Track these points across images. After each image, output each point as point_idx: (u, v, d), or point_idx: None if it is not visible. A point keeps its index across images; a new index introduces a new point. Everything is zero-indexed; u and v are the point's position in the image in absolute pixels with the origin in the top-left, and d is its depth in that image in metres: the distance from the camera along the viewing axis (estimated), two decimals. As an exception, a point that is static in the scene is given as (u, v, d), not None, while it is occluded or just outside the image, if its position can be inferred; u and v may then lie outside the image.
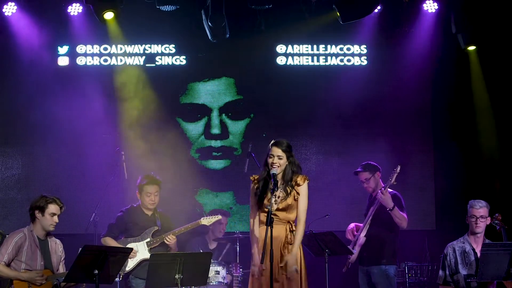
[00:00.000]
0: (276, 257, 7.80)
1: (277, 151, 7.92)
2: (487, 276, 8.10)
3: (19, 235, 8.34)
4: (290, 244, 7.90)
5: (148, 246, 9.65)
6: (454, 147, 12.35)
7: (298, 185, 7.97)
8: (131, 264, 9.62)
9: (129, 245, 9.60)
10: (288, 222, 7.96)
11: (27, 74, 12.19)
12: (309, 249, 8.88)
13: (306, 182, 8.00)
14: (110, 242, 9.72)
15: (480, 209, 8.59)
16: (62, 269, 8.49)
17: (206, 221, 10.06)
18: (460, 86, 12.40)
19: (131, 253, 9.48)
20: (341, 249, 9.02)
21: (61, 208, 8.43)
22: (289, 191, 7.94)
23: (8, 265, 8.24)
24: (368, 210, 9.66)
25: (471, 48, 12.00)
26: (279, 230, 7.87)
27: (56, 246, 8.56)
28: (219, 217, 10.21)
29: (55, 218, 8.39)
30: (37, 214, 8.38)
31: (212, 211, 11.82)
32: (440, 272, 8.75)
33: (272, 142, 7.99)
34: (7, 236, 8.58)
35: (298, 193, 7.95)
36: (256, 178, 8.08)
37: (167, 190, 10.47)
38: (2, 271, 8.21)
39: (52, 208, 8.37)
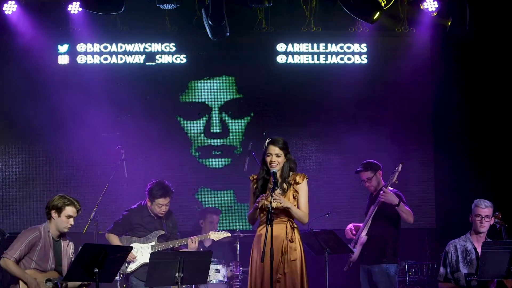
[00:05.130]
0: (278, 256, 7.82)
1: (274, 149, 7.94)
2: (487, 275, 8.11)
3: (34, 233, 8.29)
4: (291, 241, 7.91)
5: (152, 250, 9.60)
6: (454, 146, 12.35)
7: (297, 183, 7.98)
8: (132, 265, 9.60)
9: (132, 245, 9.57)
10: (288, 220, 7.96)
11: (28, 72, 12.20)
12: (310, 248, 8.89)
13: (306, 180, 8.02)
14: (114, 239, 9.69)
15: (485, 208, 8.60)
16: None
17: (214, 235, 10.10)
18: (462, 83, 12.40)
19: (130, 258, 9.48)
20: (341, 248, 9.03)
21: (78, 211, 8.39)
22: (286, 188, 7.95)
23: (18, 261, 8.21)
24: (369, 209, 9.66)
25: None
26: (279, 229, 7.87)
27: (68, 248, 8.53)
28: (228, 234, 10.22)
29: (71, 221, 8.34)
30: (53, 214, 8.33)
31: (204, 209, 11.81)
32: (441, 269, 8.75)
33: (268, 140, 8.00)
34: (16, 233, 8.53)
35: (297, 191, 7.95)
36: (255, 177, 8.10)
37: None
38: (10, 268, 8.18)
39: (69, 210, 8.32)
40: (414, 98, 12.50)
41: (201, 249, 10.73)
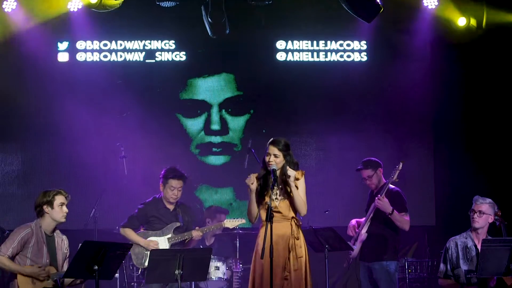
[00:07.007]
0: (285, 254, 7.86)
1: (273, 150, 7.93)
2: (487, 272, 8.09)
3: (26, 230, 8.29)
4: (297, 239, 7.92)
5: (169, 242, 9.61)
6: (454, 143, 12.36)
7: (297, 179, 7.97)
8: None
9: (149, 239, 9.61)
10: (293, 218, 7.97)
11: (27, 70, 12.19)
12: (309, 245, 8.86)
13: (303, 176, 8.01)
14: (130, 233, 9.68)
15: (480, 204, 8.59)
16: (66, 266, 8.41)
17: (229, 223, 10.06)
18: (461, 80, 12.40)
19: (154, 246, 9.50)
20: (341, 245, 9.02)
21: (66, 197, 8.41)
22: (289, 191, 7.95)
23: (12, 258, 8.22)
24: (369, 206, 9.65)
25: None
26: (284, 227, 7.89)
27: (62, 243, 8.52)
28: (243, 220, 10.14)
29: (65, 208, 8.37)
30: (46, 208, 8.33)
31: (210, 208, 11.82)
32: (441, 266, 8.74)
33: (270, 140, 7.99)
34: (12, 230, 8.52)
35: (297, 187, 7.95)
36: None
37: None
38: (5, 264, 8.18)
39: (60, 198, 8.35)
40: (414, 95, 12.49)
41: (201, 246, 10.73)
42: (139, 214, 9.76)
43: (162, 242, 9.61)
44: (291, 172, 7.91)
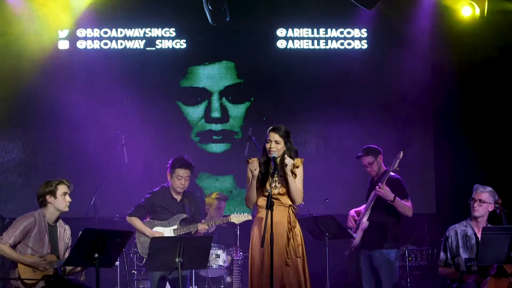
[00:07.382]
0: (283, 242, 7.86)
1: (274, 136, 7.94)
2: (487, 260, 8.10)
3: (29, 219, 8.30)
4: (294, 227, 7.94)
5: (174, 234, 9.61)
6: (454, 131, 12.35)
7: (297, 167, 7.98)
8: None
9: (155, 229, 9.59)
10: (290, 206, 7.98)
11: (28, 57, 12.16)
12: (309, 233, 8.90)
13: (302, 163, 8.02)
14: (136, 222, 9.64)
15: (480, 193, 8.60)
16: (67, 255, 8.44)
17: (235, 219, 10.03)
18: (462, 68, 12.38)
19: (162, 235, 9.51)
20: (341, 233, 9.03)
21: (69, 187, 8.43)
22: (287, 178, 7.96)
23: (13, 247, 8.23)
24: (369, 194, 9.64)
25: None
26: (281, 214, 7.90)
27: (65, 233, 8.54)
28: (250, 217, 10.07)
29: (67, 198, 8.39)
30: (49, 198, 8.35)
31: (210, 194, 11.80)
32: (441, 254, 8.75)
33: (270, 127, 7.99)
34: (14, 219, 8.55)
35: (295, 174, 7.96)
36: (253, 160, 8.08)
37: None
38: (6, 253, 8.19)
39: (62, 188, 8.37)
40: (414, 82, 12.48)
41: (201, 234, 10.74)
42: (146, 204, 9.73)
43: (168, 233, 9.59)
44: (288, 160, 7.91)
